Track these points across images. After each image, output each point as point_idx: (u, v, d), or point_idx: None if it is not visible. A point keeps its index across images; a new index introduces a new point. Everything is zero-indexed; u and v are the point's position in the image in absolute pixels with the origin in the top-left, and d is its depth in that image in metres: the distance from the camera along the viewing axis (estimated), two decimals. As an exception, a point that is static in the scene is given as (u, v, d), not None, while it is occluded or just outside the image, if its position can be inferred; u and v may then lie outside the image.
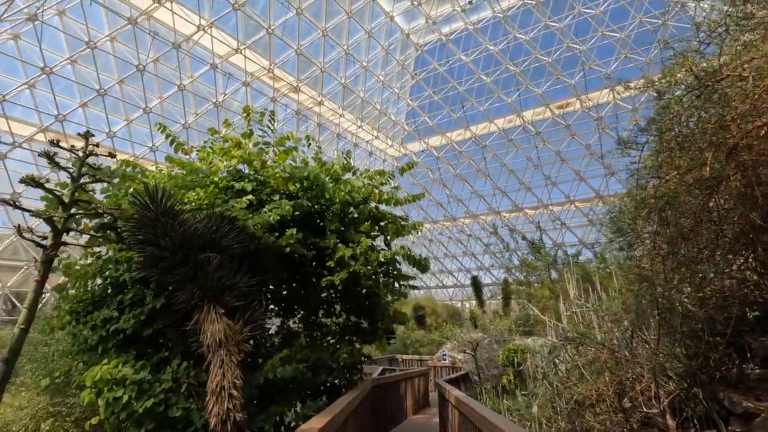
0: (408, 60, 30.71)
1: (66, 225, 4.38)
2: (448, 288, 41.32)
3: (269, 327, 6.31)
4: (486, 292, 28.68)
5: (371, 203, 6.59)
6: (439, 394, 7.96)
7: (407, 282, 6.98)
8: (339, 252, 5.44)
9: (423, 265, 6.41)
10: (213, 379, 4.07)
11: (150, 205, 4.39)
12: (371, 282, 6.16)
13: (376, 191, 6.58)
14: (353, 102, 28.89)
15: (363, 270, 5.53)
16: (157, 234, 4.35)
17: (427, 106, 33.17)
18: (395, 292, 6.89)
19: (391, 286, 6.73)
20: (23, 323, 3.98)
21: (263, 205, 5.83)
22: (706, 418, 3.73)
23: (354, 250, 5.59)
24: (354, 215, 6.35)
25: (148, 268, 4.61)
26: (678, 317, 3.81)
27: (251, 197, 5.61)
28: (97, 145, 4.59)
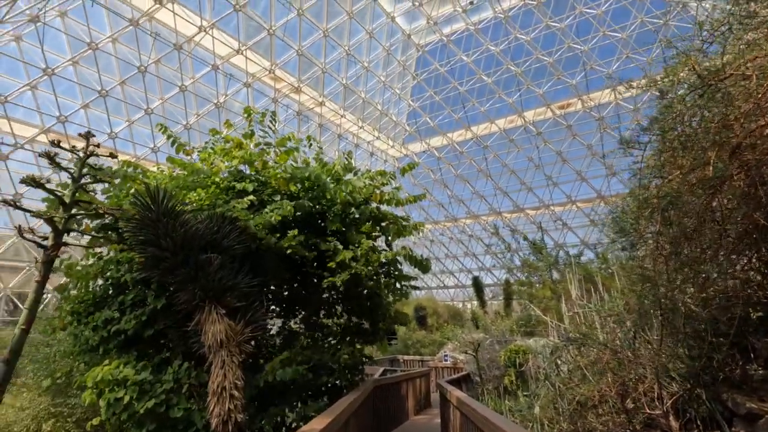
0: (409, 60, 30.72)
1: (67, 225, 4.38)
2: (449, 288, 41.30)
3: (270, 328, 6.31)
4: (487, 292, 28.65)
5: (372, 204, 6.58)
6: (441, 394, 7.94)
7: (408, 282, 6.97)
8: (340, 255, 5.44)
9: (424, 266, 6.41)
10: (214, 380, 4.06)
11: (151, 206, 4.39)
12: (372, 283, 6.15)
13: (377, 192, 6.57)
14: (354, 103, 28.91)
15: (364, 271, 5.52)
16: (158, 234, 4.34)
17: (429, 106, 33.19)
18: (396, 292, 6.88)
19: (393, 286, 6.72)
20: (24, 324, 3.98)
21: (264, 206, 5.82)
22: (709, 419, 3.71)
23: (355, 251, 5.58)
24: (355, 216, 6.34)
25: (149, 268, 4.61)
26: (681, 318, 3.79)
27: (252, 198, 5.61)
28: (98, 146, 4.59)
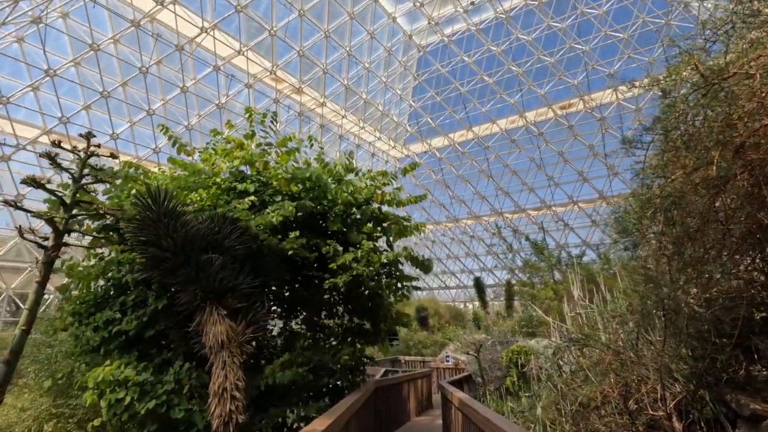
0: (410, 61, 30.73)
1: (67, 226, 4.38)
2: (450, 289, 41.27)
3: (272, 328, 6.30)
4: (489, 293, 28.60)
5: (374, 204, 6.56)
6: (442, 395, 7.92)
7: (410, 283, 6.95)
8: (340, 259, 5.43)
9: (426, 266, 6.39)
10: (215, 381, 4.06)
11: (152, 206, 4.39)
12: (374, 283, 6.14)
13: (378, 192, 6.55)
14: (355, 103, 28.93)
15: (365, 272, 5.51)
16: (159, 235, 4.34)
17: (430, 107, 33.21)
18: (398, 293, 6.86)
19: (394, 287, 6.70)
20: (24, 324, 3.98)
21: (266, 206, 5.81)
22: (713, 420, 3.68)
23: (355, 253, 5.57)
24: (357, 216, 6.32)
25: (150, 269, 4.61)
26: (684, 318, 3.76)
27: (254, 198, 5.61)
28: (99, 146, 4.59)
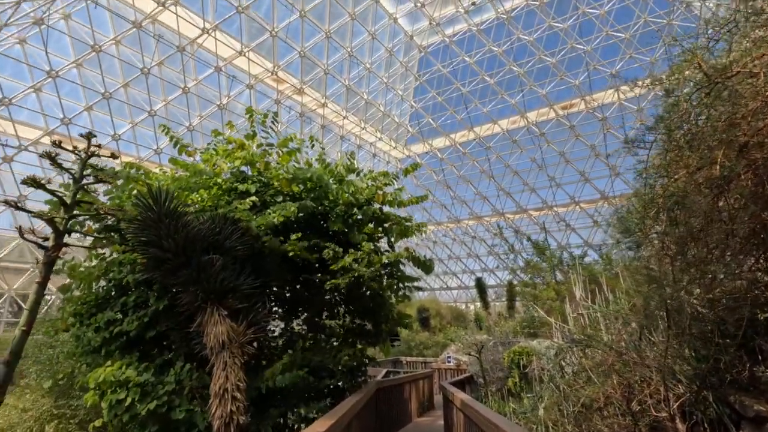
0: (411, 62, 30.73)
1: (68, 226, 4.37)
2: (452, 290, 41.21)
3: (273, 329, 6.29)
4: (490, 293, 28.54)
5: (375, 204, 6.55)
6: (444, 396, 7.90)
7: (411, 283, 6.93)
8: (341, 262, 5.42)
9: (427, 266, 6.38)
10: (216, 382, 4.04)
11: (153, 207, 4.38)
12: (375, 284, 6.12)
13: (380, 192, 6.54)
14: (357, 104, 28.93)
15: (366, 273, 5.50)
16: (161, 235, 4.33)
17: (431, 107, 33.18)
18: (399, 291, 6.84)
19: (395, 287, 6.68)
20: (24, 325, 3.98)
21: (267, 207, 5.81)
22: (717, 422, 3.65)
23: (355, 254, 5.56)
24: (358, 216, 6.31)
25: (151, 269, 4.60)
26: (687, 319, 3.74)
27: (255, 199, 5.60)
28: (99, 146, 4.58)
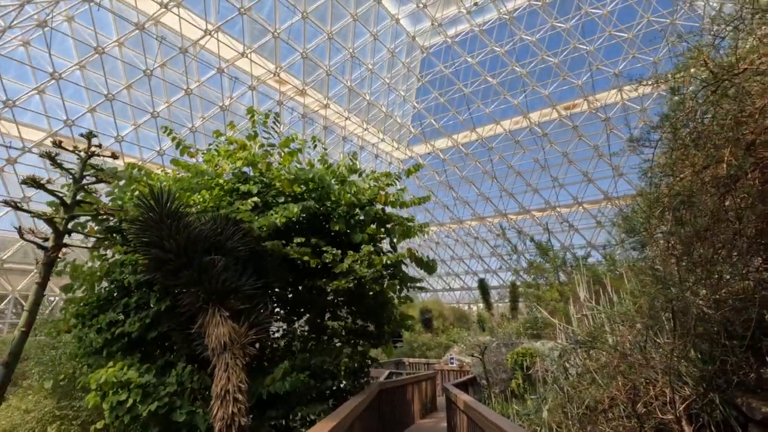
0: (414, 62, 30.71)
1: (68, 227, 4.36)
2: (455, 291, 41.12)
3: (275, 330, 6.27)
4: (493, 294, 28.47)
5: (377, 205, 6.52)
6: (447, 398, 7.86)
7: (414, 284, 6.90)
8: (341, 266, 5.40)
9: (430, 267, 6.34)
10: (218, 383, 4.02)
11: (155, 207, 4.37)
12: (377, 285, 6.09)
13: (382, 193, 6.51)
14: (359, 105, 28.93)
15: (367, 274, 5.47)
16: (162, 236, 4.32)
17: (433, 108, 33.14)
18: (402, 292, 6.81)
19: (398, 287, 6.65)
20: (24, 326, 3.96)
21: (269, 208, 5.79)
22: (723, 424, 3.60)
23: (355, 256, 5.54)
24: (360, 217, 6.29)
25: (152, 270, 4.59)
26: (693, 320, 3.69)
27: (256, 199, 5.58)
28: (100, 146, 4.57)
